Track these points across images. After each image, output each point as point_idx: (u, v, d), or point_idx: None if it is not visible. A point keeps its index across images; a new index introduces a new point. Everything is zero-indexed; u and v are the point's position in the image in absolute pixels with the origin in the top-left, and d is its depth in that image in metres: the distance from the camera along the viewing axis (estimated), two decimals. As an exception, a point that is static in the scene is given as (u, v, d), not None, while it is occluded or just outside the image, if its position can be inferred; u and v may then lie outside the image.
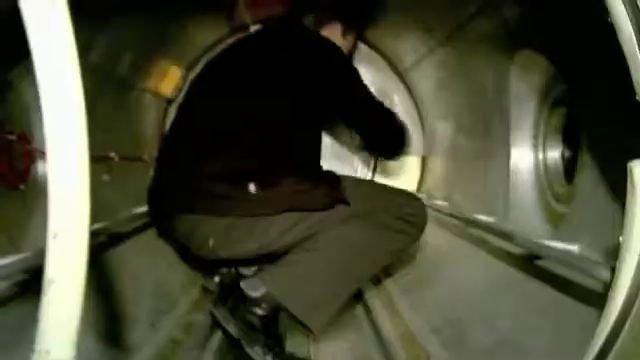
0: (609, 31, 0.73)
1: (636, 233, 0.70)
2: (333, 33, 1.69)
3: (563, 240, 1.23)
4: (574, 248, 1.17)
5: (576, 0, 0.76)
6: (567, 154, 1.60)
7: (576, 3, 0.76)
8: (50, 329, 0.48)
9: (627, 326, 0.69)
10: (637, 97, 0.70)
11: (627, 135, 0.80)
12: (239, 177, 1.46)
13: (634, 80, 0.70)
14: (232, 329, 1.50)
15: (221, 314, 1.52)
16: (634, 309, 0.69)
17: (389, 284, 2.10)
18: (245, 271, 1.82)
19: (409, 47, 2.34)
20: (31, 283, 1.16)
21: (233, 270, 1.89)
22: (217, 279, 1.90)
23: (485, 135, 1.90)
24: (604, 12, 0.72)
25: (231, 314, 1.53)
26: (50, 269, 0.50)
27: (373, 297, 1.98)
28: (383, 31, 2.43)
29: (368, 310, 1.86)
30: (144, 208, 1.75)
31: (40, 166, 1.45)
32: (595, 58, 1.06)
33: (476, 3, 1.65)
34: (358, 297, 2.00)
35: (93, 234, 1.20)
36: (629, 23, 0.69)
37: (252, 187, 1.45)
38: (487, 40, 1.75)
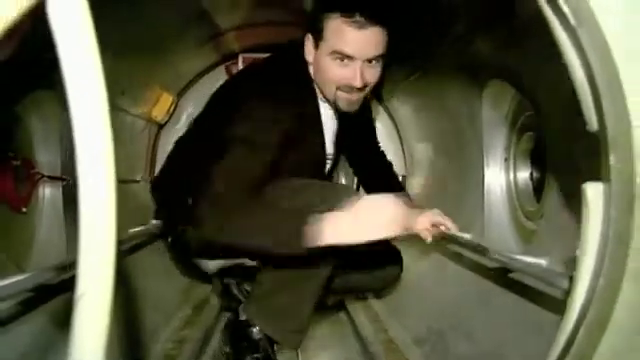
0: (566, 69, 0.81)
1: (590, 247, 0.77)
2: (307, 45, 1.61)
3: (533, 255, 1.25)
4: (542, 262, 1.19)
5: (539, 40, 0.84)
6: (535, 175, 1.66)
7: (539, 43, 0.84)
8: (82, 341, 0.53)
9: (582, 329, 0.76)
10: (587, 128, 0.79)
11: (582, 159, 0.88)
12: None
13: (585, 115, 0.78)
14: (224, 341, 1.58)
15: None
16: (589, 314, 0.76)
17: (373, 298, 2.13)
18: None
19: (387, 76, 2.40)
20: (34, 302, 1.18)
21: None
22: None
23: (460, 157, 1.96)
24: (560, 57, 0.79)
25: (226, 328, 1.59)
26: (81, 284, 0.54)
27: (358, 310, 2.00)
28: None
29: (353, 323, 1.89)
30: (139, 228, 1.79)
31: (41, 190, 1.49)
32: (556, 90, 1.14)
33: (449, 39, 1.72)
34: (344, 309, 2.04)
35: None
36: (581, 70, 0.76)
37: None
38: (460, 71, 1.82)
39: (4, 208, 1.33)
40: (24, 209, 1.39)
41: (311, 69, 1.64)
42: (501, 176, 1.77)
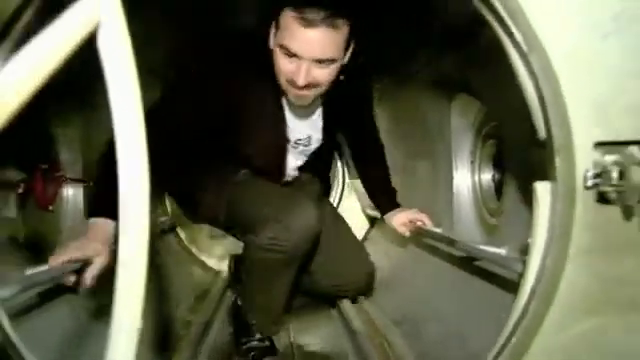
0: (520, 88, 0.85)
1: (539, 235, 0.82)
2: (271, 32, 1.44)
3: (495, 245, 1.26)
4: (502, 251, 1.20)
5: (497, 62, 0.88)
6: (497, 177, 1.70)
7: (497, 65, 0.88)
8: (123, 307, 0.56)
9: (533, 303, 0.81)
10: (537, 136, 0.83)
11: (533, 163, 0.93)
12: None
13: (535, 126, 0.84)
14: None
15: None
16: (538, 291, 0.81)
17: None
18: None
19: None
20: (53, 293, 1.17)
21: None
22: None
23: (432, 160, 1.97)
24: (514, 77, 0.84)
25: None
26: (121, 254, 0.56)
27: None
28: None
29: (339, 309, 1.91)
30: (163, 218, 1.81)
31: (65, 191, 1.51)
32: (512, 104, 1.20)
33: (421, 61, 1.77)
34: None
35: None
36: (532, 88, 0.81)
37: None
38: (431, 86, 1.84)
39: (34, 207, 1.35)
40: (51, 207, 1.41)
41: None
42: (468, 177, 1.80)
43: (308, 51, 1.28)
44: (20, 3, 0.72)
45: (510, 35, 0.80)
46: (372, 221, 2.57)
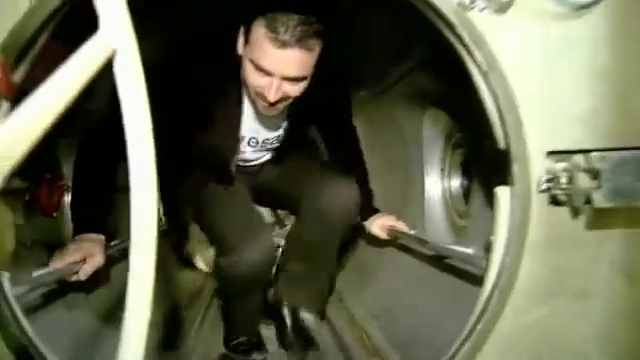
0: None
1: (500, 234, 0.87)
2: (240, 39, 1.32)
3: (463, 245, 1.27)
4: (469, 250, 1.23)
5: (462, 80, 0.92)
6: (465, 183, 1.73)
7: (462, 82, 0.92)
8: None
9: (496, 293, 0.86)
10: (497, 146, 0.88)
11: (495, 170, 0.98)
12: None
13: (495, 137, 0.88)
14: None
15: None
16: (499, 282, 0.86)
17: (337, 282, 2.12)
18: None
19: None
20: (57, 293, 1.20)
21: None
22: None
23: (406, 167, 1.98)
24: (477, 93, 0.88)
25: None
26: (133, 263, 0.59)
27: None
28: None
29: None
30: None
31: (66, 198, 1.50)
32: (475, 117, 1.25)
33: (395, 75, 1.80)
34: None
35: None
36: (492, 104, 0.86)
37: None
38: (405, 99, 1.87)
39: (39, 214, 1.35)
40: (54, 214, 1.42)
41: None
42: (438, 183, 1.82)
43: (280, 70, 1.18)
44: (37, 27, 0.75)
45: (472, 56, 0.84)
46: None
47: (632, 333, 0.91)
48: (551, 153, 0.85)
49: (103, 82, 0.54)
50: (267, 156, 1.70)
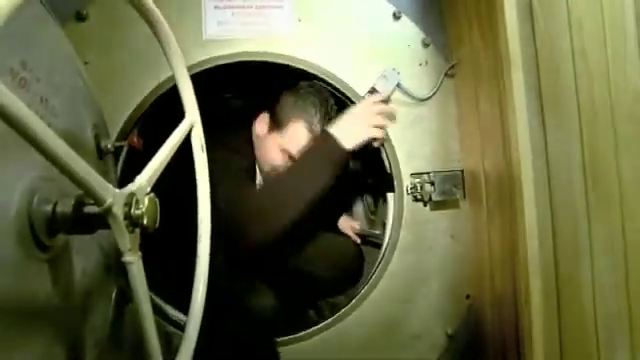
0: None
1: (390, 217, 1.47)
2: (261, 121, 1.47)
3: (374, 229, 1.80)
4: (377, 231, 1.73)
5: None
6: (373, 198, 1.99)
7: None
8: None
9: (387, 250, 1.43)
10: (387, 172, 1.46)
11: (386, 185, 1.52)
12: None
13: (385, 164, 1.51)
14: None
15: None
16: (389, 244, 1.44)
17: None
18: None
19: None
20: None
21: None
22: None
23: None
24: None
25: None
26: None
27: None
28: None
29: None
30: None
31: None
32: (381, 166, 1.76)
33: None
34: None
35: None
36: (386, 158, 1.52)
37: None
38: None
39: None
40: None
41: (254, 137, 1.45)
42: (360, 204, 2.09)
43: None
44: (132, 112, 1.25)
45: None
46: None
47: (459, 268, 1.42)
48: (412, 174, 1.41)
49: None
50: None
